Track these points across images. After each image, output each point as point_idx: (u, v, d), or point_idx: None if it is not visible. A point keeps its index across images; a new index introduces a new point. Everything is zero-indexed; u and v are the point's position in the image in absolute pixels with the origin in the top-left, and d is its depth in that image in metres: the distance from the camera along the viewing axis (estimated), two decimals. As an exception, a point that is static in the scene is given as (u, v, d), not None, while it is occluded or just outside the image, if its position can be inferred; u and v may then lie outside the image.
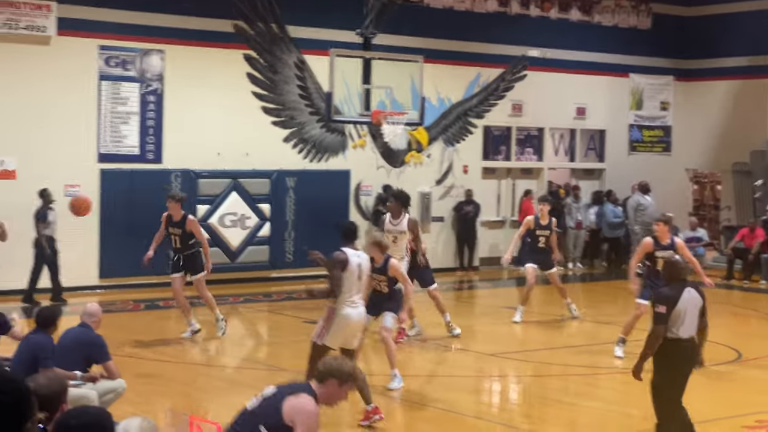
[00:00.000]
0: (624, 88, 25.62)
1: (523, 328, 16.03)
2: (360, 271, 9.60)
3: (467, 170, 23.08)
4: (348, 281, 9.49)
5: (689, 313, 8.38)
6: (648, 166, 25.49)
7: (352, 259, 9.56)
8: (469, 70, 22.93)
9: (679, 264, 8.86)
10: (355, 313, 9.58)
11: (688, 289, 8.47)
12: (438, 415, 10.51)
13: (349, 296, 9.53)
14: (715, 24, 25.64)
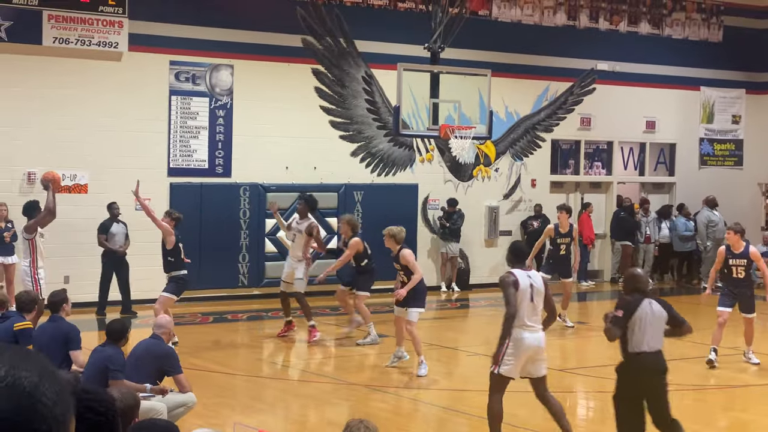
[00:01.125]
0: (694, 101, 25.31)
1: (588, 342, 15.91)
2: (533, 291, 8.99)
3: (535, 184, 22.96)
4: (520, 302, 8.93)
5: (650, 326, 8.20)
6: (719, 180, 25.14)
7: (523, 280, 9.00)
8: (538, 83, 22.83)
9: (640, 276, 8.69)
10: (531, 337, 8.98)
11: (649, 302, 8.30)
12: (506, 430, 10.43)
13: (523, 319, 8.95)
14: (789, 36, 25.24)
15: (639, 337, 8.24)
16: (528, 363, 9.03)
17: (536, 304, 9.00)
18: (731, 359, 14.26)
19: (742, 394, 12.43)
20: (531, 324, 8.97)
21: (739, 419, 11.22)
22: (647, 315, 8.24)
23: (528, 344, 8.93)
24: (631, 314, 8.23)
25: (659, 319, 8.30)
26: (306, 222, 15.26)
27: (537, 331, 9.04)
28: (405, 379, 12.81)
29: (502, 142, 22.42)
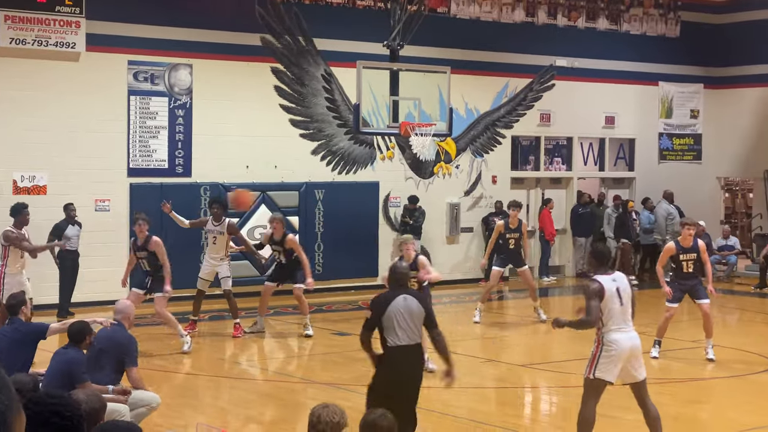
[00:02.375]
0: (653, 96, 25.49)
1: (552, 338, 15.99)
2: (620, 294, 8.76)
3: (496, 180, 23.02)
4: (609, 308, 8.72)
5: (403, 320, 8.21)
6: (678, 175, 25.34)
7: (608, 285, 8.77)
8: (497, 80, 22.89)
9: (398, 270, 8.70)
10: (625, 338, 8.73)
11: (404, 296, 8.31)
12: (467, 427, 10.45)
13: (614, 323, 8.73)
14: (744, 31, 25.47)
15: (391, 330, 8.24)
16: (626, 366, 8.82)
17: (626, 307, 8.82)
18: (688, 353, 14.39)
19: (692, 388, 12.52)
20: (624, 327, 8.79)
21: (700, 410, 11.30)
22: (402, 309, 8.26)
23: (625, 345, 8.73)
24: (382, 313, 8.26)
25: (411, 314, 8.26)
26: (223, 222, 15.49)
27: (631, 331, 8.85)
28: (363, 377, 12.79)
29: (462, 139, 22.46)
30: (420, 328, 8.34)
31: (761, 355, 13.99)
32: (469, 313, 17.27)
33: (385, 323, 8.26)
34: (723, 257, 23.53)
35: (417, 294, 8.64)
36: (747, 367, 13.28)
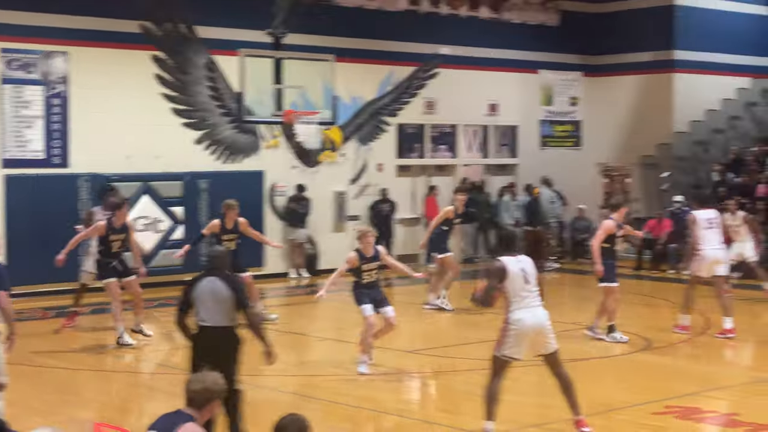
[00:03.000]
0: (534, 84, 25.87)
1: (440, 323, 16.14)
2: (525, 274, 9.06)
3: (382, 168, 23.09)
4: (513, 288, 9.00)
5: (208, 301, 8.43)
6: (559, 161, 25.80)
7: (512, 266, 9.03)
8: (381, 68, 22.94)
9: (211, 253, 8.87)
10: (528, 316, 9.02)
11: (212, 279, 8.51)
12: (355, 414, 10.45)
13: (518, 302, 9.01)
14: (621, 20, 26.04)
15: (198, 311, 8.51)
16: (534, 341, 9.11)
17: (531, 286, 9.07)
18: (573, 333, 14.66)
19: (581, 367, 12.75)
20: (530, 304, 9.05)
21: (577, 390, 11.50)
22: (205, 291, 8.48)
23: (527, 323, 8.98)
24: (190, 293, 8.54)
25: (215, 295, 8.44)
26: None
27: (534, 309, 9.07)
28: (255, 367, 12.71)
29: (347, 127, 22.44)
30: (228, 310, 8.46)
31: (638, 335, 14.32)
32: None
33: (194, 304, 8.51)
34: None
35: (229, 277, 8.64)
36: (624, 347, 13.58)
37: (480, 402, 9.29)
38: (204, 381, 5.91)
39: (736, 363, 13.17)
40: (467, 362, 12.66)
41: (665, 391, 10.97)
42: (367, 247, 12.18)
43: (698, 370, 12.18)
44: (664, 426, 9.62)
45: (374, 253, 12.17)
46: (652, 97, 25.74)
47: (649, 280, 21.58)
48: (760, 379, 11.68)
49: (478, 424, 9.71)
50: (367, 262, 12.14)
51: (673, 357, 13.12)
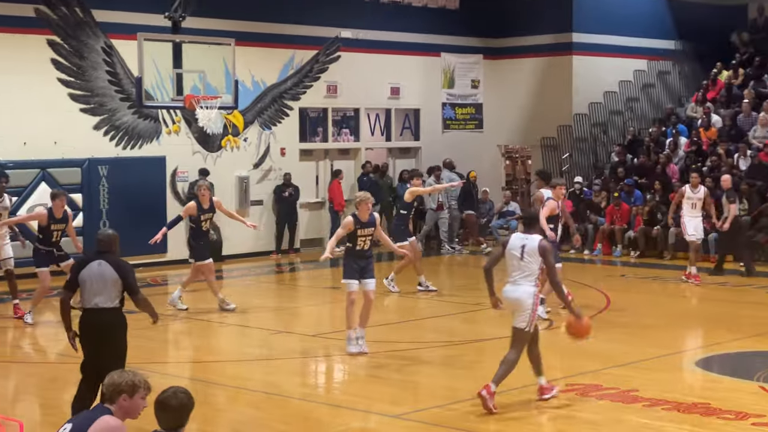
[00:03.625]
0: (436, 67, 26.00)
1: (338, 307, 16.19)
2: (522, 252, 9.62)
3: (284, 153, 22.99)
4: (508, 262, 9.70)
5: (94, 283, 8.49)
6: (462, 143, 26.01)
7: (514, 241, 9.73)
8: (283, 52, 22.82)
9: (100, 235, 8.87)
10: (507, 289, 9.69)
11: (100, 262, 8.57)
12: (261, 399, 10.44)
13: (508, 275, 9.73)
14: (521, 3, 26.29)
15: (84, 294, 8.57)
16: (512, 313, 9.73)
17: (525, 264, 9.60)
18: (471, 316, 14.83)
19: (486, 347, 12.92)
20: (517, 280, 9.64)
21: (479, 370, 11.65)
22: (92, 274, 8.52)
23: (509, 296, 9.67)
24: (77, 274, 8.56)
25: (102, 277, 8.49)
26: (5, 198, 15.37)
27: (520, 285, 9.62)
28: (160, 354, 12.60)
29: (249, 111, 22.29)
30: (115, 293, 8.51)
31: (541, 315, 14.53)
32: (260, 286, 17.18)
33: (80, 285, 8.53)
34: (506, 222, 24.32)
35: (116, 260, 8.62)
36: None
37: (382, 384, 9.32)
38: (111, 375, 5.88)
39: (635, 341, 13.43)
40: (373, 345, 12.71)
41: (567, 368, 11.18)
42: (364, 212, 12.20)
43: (599, 348, 12.41)
44: (566, 403, 9.80)
45: (370, 219, 12.23)
46: (551, 80, 26.09)
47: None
48: (657, 355, 11.97)
49: (382, 407, 9.80)
50: (363, 227, 12.18)
51: (574, 335, 13.32)
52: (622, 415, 9.33)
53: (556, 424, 9.04)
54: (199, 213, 15.13)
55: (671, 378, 10.85)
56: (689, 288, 17.38)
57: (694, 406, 9.47)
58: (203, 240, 15.48)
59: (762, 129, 23.01)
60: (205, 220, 15.24)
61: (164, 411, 5.64)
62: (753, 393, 10.18)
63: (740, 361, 11.64)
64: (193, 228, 15.40)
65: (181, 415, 5.66)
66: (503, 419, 9.30)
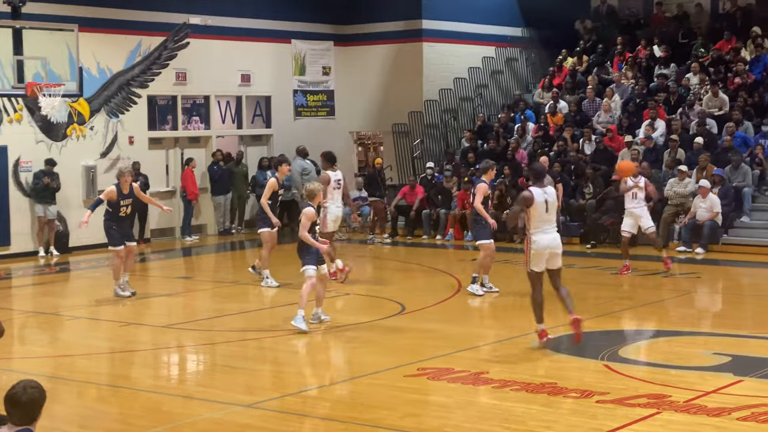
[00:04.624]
0: (287, 54, 25.88)
1: (196, 297, 16.01)
2: (547, 204, 11.16)
3: (133, 141, 22.54)
4: (536, 213, 11.11)
5: None
6: (314, 130, 25.98)
7: (538, 195, 11.11)
8: (130, 38, 22.36)
9: None
10: (545, 238, 11.17)
11: None
12: (110, 393, 10.22)
13: (539, 226, 11.14)
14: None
15: None
16: (549, 258, 11.22)
17: (550, 214, 11.23)
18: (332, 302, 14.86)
19: (340, 334, 12.95)
20: (547, 229, 11.22)
21: (334, 357, 11.69)
22: None
23: (545, 243, 11.15)
24: None
25: None
26: None
27: (552, 232, 11.26)
28: (6, 350, 12.21)
29: (95, 99, 21.76)
30: None
31: (393, 300, 14.65)
32: (110, 278, 16.77)
33: None
34: (358, 208, 24.40)
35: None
36: (380, 312, 13.87)
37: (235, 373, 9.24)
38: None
39: (487, 323, 13.69)
40: (225, 335, 12.59)
41: (418, 353, 11.28)
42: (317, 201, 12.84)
43: (451, 332, 12.58)
44: (417, 387, 9.89)
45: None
46: (402, 67, 26.27)
47: (405, 246, 22.11)
48: (507, 337, 12.20)
49: (235, 396, 9.71)
50: None
51: (426, 320, 13.48)
52: (472, 398, 9.48)
53: (407, 408, 9.11)
54: (119, 198, 15.16)
55: (520, 359, 11.07)
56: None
57: (542, 387, 9.68)
58: (117, 225, 15.34)
59: (605, 114, 23.70)
60: (125, 206, 15.29)
61: (14, 407, 5.45)
62: (598, 371, 10.48)
63: (586, 341, 11.95)
64: (110, 212, 15.29)
65: (32, 410, 5.49)
66: (356, 405, 9.33)
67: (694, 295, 15.88)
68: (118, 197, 15.17)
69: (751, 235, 19.81)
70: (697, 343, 12.13)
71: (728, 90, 23.16)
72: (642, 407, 8.93)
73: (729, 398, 9.18)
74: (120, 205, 15.23)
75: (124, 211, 15.34)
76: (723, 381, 9.83)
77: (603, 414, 8.86)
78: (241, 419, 9.00)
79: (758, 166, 20.69)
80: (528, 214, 11.17)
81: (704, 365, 10.63)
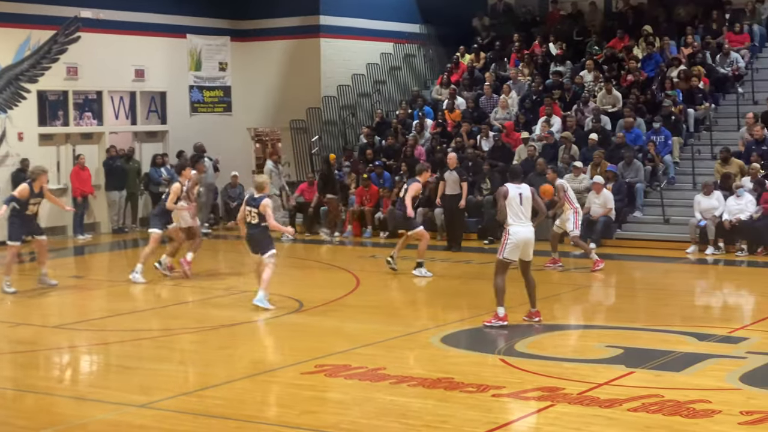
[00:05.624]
0: (182, 49, 25.55)
1: (88, 296, 15.72)
2: (521, 198, 12.11)
3: (22, 137, 22.00)
4: (511, 207, 12.06)
5: None
6: (211, 127, 25.71)
7: (512, 190, 12.13)
8: (19, 32, 21.86)
9: None
10: (522, 230, 12.08)
11: None
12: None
13: (515, 219, 12.06)
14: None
15: None
16: (523, 249, 12.12)
17: (524, 207, 12.14)
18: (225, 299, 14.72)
19: (237, 332, 12.81)
20: (524, 221, 12.13)
21: (230, 355, 11.56)
22: None
23: (521, 236, 12.05)
24: None
25: None
26: None
27: (528, 226, 12.18)
28: None
29: (-18, 94, 21.20)
30: None
31: (291, 297, 14.57)
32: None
33: None
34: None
35: None
36: (277, 309, 13.77)
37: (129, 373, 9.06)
38: None
39: (384, 320, 13.67)
40: (118, 334, 12.35)
41: (316, 350, 11.21)
42: None
43: (348, 329, 12.55)
44: (314, 384, 9.82)
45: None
46: (300, 62, 26.15)
47: (303, 243, 21.99)
48: (404, 333, 12.20)
49: (129, 397, 9.51)
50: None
51: (324, 317, 13.43)
52: (370, 394, 9.45)
53: (304, 405, 9.04)
54: (29, 196, 15.38)
55: (417, 355, 11.09)
56: (431, 266, 17.75)
57: (439, 382, 9.70)
58: (21, 221, 15.43)
59: (503, 111, 23.93)
60: (34, 204, 15.54)
61: None
62: (494, 366, 10.56)
63: (484, 336, 12.03)
64: (17, 209, 15.41)
65: None
66: (253, 403, 9.22)
67: (588, 289, 16.13)
68: (30, 195, 15.41)
69: (643, 230, 20.22)
70: (591, 337, 12.33)
71: (621, 87, 23.59)
72: (536, 400, 9.02)
73: (621, 390, 9.33)
74: (29, 203, 15.44)
75: (31, 209, 15.57)
76: (615, 373, 9.99)
77: (498, 407, 8.92)
78: (135, 420, 8.82)
79: (650, 162, 21.10)
80: (505, 208, 12.12)
81: (597, 358, 10.80)
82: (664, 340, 11.68)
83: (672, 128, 21.66)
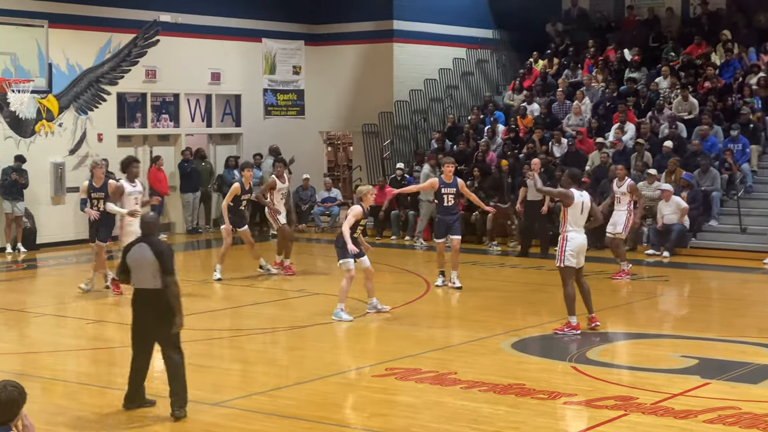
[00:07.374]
0: (257, 52, 25.80)
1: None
2: (583, 206, 12.09)
3: (102, 138, 22.39)
4: (574, 213, 12.04)
5: (138, 266, 9.01)
6: (284, 130, 25.92)
7: (577, 197, 12.04)
8: (100, 35, 22.23)
9: (143, 220, 9.41)
10: (580, 237, 12.12)
11: (141, 245, 9.09)
12: (76, 390, 10.14)
13: (574, 225, 12.07)
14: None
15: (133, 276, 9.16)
16: (580, 255, 12.14)
17: (584, 215, 12.13)
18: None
19: (308, 333, 12.91)
20: (580, 229, 12.12)
21: (302, 356, 11.66)
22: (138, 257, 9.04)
23: (578, 242, 12.07)
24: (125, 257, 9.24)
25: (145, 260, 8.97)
26: None
27: (583, 233, 12.19)
28: (-33, 348, 12.10)
29: (64, 96, 21.60)
30: (153, 274, 8.91)
31: (361, 300, 14.63)
32: (77, 275, 16.64)
33: (129, 268, 9.09)
34: (327, 208, 24.44)
35: (155, 243, 9.06)
36: (351, 313, 13.83)
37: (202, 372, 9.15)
38: None
39: (454, 324, 13.69)
40: (194, 334, 12.52)
41: (386, 353, 11.27)
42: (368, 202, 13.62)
43: (419, 333, 12.58)
44: (385, 387, 9.87)
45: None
46: (373, 67, 26.25)
47: (373, 247, 22.01)
48: (476, 338, 12.21)
49: (201, 395, 9.64)
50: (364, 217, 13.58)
51: (395, 321, 13.47)
52: (440, 398, 9.46)
53: (375, 408, 9.09)
54: (90, 191, 15.29)
55: (488, 361, 11.08)
56: (498, 272, 17.67)
57: (510, 387, 9.69)
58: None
59: (575, 117, 23.78)
60: (97, 200, 15.27)
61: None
62: (566, 373, 10.51)
63: (555, 342, 11.99)
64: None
65: (11, 409, 5.50)
66: (326, 404, 9.30)
67: (662, 298, 15.97)
68: (90, 191, 15.33)
69: (719, 239, 19.94)
70: (665, 346, 12.20)
71: (698, 94, 23.32)
72: (609, 409, 8.96)
73: (696, 401, 9.23)
74: (92, 198, 15.32)
75: (99, 205, 15.29)
76: (690, 383, 9.88)
77: (570, 415, 8.88)
78: (207, 418, 8.95)
79: (727, 170, 20.81)
80: (565, 213, 12.07)
81: (672, 368, 10.69)
82: (741, 351, 11.52)
83: (750, 136, 21.36)
